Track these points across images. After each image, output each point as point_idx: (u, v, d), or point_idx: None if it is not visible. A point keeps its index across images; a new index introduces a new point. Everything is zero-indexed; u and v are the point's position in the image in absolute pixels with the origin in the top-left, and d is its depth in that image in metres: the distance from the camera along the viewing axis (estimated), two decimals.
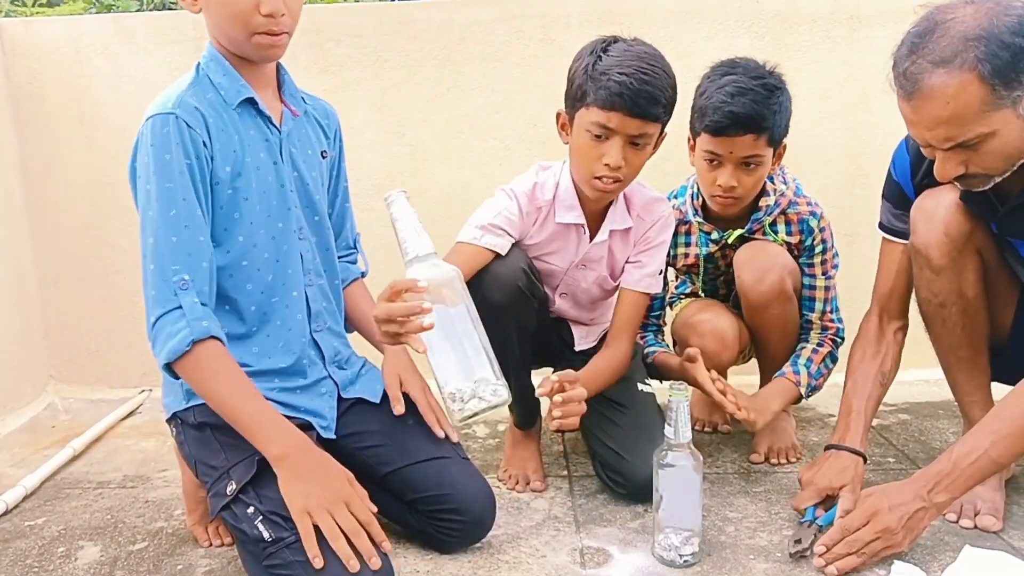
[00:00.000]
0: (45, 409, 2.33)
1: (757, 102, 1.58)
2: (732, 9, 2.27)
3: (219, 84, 1.34)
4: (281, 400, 1.38)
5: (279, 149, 1.39)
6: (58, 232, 2.37)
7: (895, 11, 2.26)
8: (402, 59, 2.30)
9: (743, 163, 1.63)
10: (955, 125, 1.19)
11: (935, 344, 1.55)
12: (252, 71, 1.36)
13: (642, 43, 1.50)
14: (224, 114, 1.33)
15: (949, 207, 1.41)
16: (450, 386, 1.12)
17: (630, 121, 1.45)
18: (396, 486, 1.42)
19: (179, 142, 1.26)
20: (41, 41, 2.29)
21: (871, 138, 2.30)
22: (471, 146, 2.34)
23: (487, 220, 1.56)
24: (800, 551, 1.37)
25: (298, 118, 1.44)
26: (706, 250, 1.82)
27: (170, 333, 1.23)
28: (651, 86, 1.43)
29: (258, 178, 1.35)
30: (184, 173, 1.26)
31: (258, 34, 1.28)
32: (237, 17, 1.26)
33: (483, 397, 1.11)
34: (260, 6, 1.26)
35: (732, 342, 1.76)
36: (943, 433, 1.92)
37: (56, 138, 2.33)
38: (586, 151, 1.50)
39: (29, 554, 1.48)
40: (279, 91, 1.43)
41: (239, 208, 1.34)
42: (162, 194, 1.26)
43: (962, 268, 1.44)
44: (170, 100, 1.29)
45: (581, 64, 1.49)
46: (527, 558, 1.41)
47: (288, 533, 1.21)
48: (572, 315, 1.78)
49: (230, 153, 1.32)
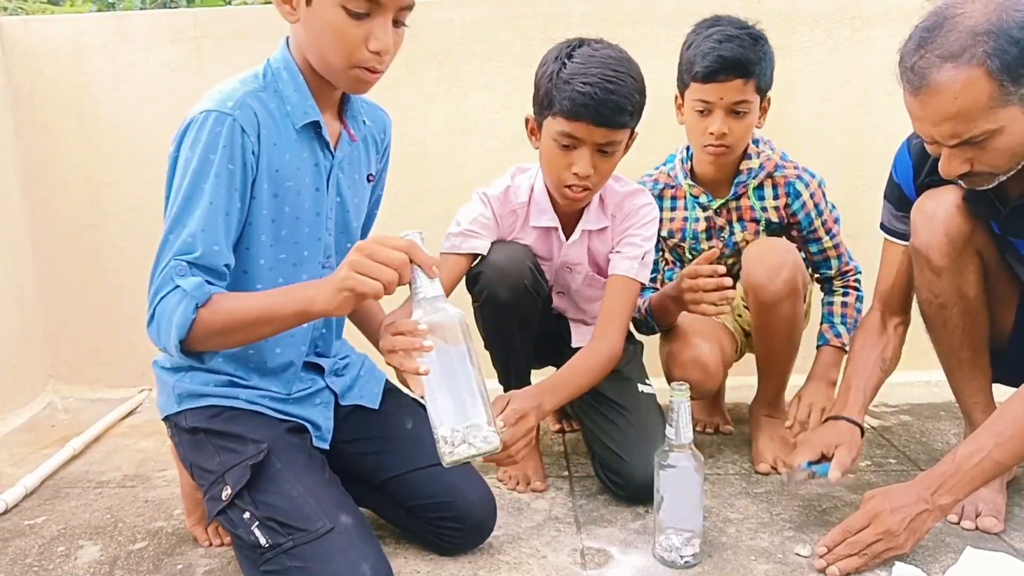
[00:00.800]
0: (45, 408, 2.33)
1: (744, 47, 1.62)
2: (734, 9, 2.24)
3: (288, 98, 1.27)
4: (274, 407, 1.37)
5: (327, 176, 1.34)
6: (58, 231, 2.37)
7: (897, 11, 2.26)
8: (402, 58, 2.25)
9: (732, 110, 1.65)
10: (962, 121, 1.19)
11: (936, 346, 1.55)
12: (323, 93, 1.30)
13: (609, 46, 1.49)
14: (282, 128, 1.27)
15: (949, 208, 1.41)
16: (441, 429, 1.12)
17: (596, 130, 1.44)
18: (396, 492, 1.42)
19: (227, 145, 1.20)
20: (41, 40, 2.29)
21: (872, 139, 2.30)
22: (471, 145, 2.34)
23: (463, 227, 1.59)
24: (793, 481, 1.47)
25: (355, 143, 1.39)
26: (694, 214, 1.82)
27: (172, 311, 1.15)
28: (616, 94, 1.42)
29: (294, 204, 1.30)
30: (221, 176, 1.19)
31: (359, 68, 1.22)
32: (343, 46, 1.20)
33: (472, 443, 1.12)
34: (369, 41, 1.20)
35: (715, 370, 1.76)
36: (944, 434, 1.92)
37: (56, 137, 2.33)
38: (554, 159, 1.50)
39: (29, 553, 1.48)
40: (341, 112, 1.37)
41: (266, 231, 1.28)
42: (195, 193, 1.19)
43: (963, 269, 1.44)
44: (231, 98, 1.22)
45: (546, 71, 1.48)
46: (527, 559, 1.41)
47: (285, 539, 1.20)
48: (571, 313, 1.78)
49: (273, 172, 1.26)
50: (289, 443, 1.31)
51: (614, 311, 1.60)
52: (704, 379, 1.76)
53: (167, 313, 1.16)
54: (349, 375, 1.50)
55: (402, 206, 2.34)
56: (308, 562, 1.18)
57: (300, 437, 1.35)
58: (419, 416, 1.44)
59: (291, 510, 1.22)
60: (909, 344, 1.59)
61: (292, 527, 1.20)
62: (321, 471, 1.32)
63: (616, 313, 1.60)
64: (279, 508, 1.22)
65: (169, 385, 1.37)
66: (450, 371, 1.13)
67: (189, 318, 1.15)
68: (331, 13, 1.18)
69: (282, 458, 1.27)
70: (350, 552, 1.19)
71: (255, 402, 1.35)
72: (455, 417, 1.12)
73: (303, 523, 1.20)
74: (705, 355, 1.75)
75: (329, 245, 1.39)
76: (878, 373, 1.56)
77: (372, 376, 1.54)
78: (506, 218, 1.63)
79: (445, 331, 1.12)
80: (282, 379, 1.39)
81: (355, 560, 1.19)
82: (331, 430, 1.43)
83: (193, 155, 1.19)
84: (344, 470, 1.41)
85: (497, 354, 1.68)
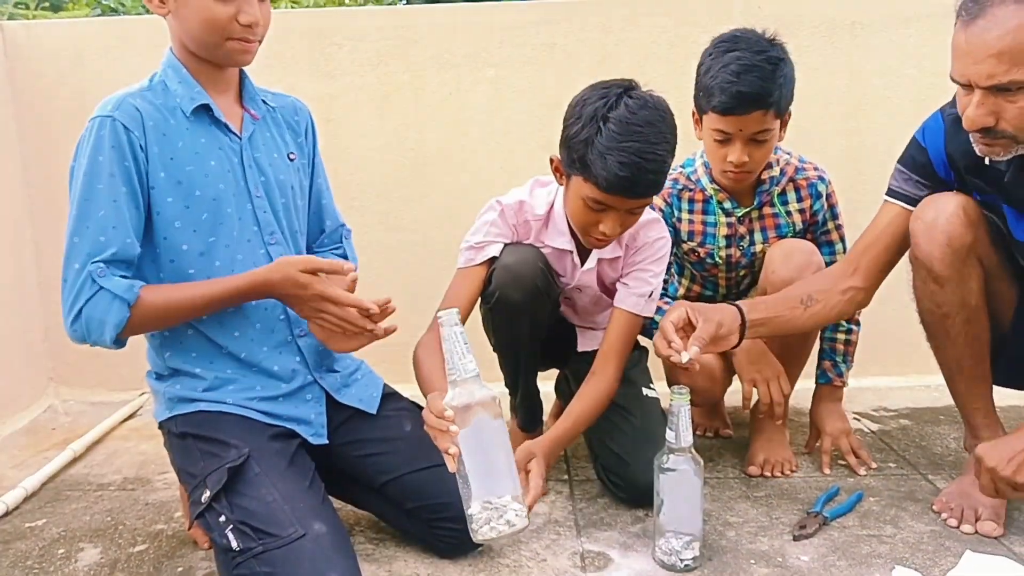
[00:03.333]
0: (45, 411, 2.33)
1: (764, 79, 1.56)
2: (734, 14, 2.28)
3: (174, 91, 1.34)
4: (261, 409, 1.37)
5: (240, 156, 1.38)
6: (59, 235, 2.34)
7: (896, 17, 2.27)
8: (404, 64, 2.31)
9: (753, 139, 1.62)
10: (1005, 61, 1.17)
11: (938, 354, 1.54)
12: (212, 77, 1.37)
13: (645, 104, 1.41)
14: (172, 119, 1.33)
15: (951, 217, 1.40)
16: (470, 509, 1.19)
17: (629, 201, 1.44)
18: (395, 494, 1.42)
19: (114, 144, 1.27)
20: (43, 44, 2.30)
21: (872, 143, 2.31)
22: (473, 151, 2.35)
23: (475, 240, 1.59)
24: (803, 535, 1.42)
25: (259, 122, 1.43)
26: (716, 219, 1.80)
27: (104, 312, 1.25)
28: (653, 172, 1.40)
29: (204, 186, 1.34)
30: (115, 175, 1.27)
31: (233, 39, 1.30)
32: (214, 24, 1.28)
33: (495, 526, 1.18)
34: (239, 16, 1.28)
35: (722, 377, 1.78)
36: (944, 439, 1.92)
37: (58, 141, 2.33)
38: (582, 215, 1.48)
39: (29, 556, 1.48)
40: (240, 96, 1.43)
41: (179, 217, 1.33)
42: (93, 195, 1.27)
43: (966, 278, 1.43)
44: (111, 102, 1.31)
45: (581, 129, 1.41)
46: (527, 562, 1.41)
47: (256, 544, 1.20)
48: (575, 320, 1.78)
49: (167, 160, 1.31)
50: (271, 449, 1.32)
51: (614, 346, 1.60)
52: (711, 386, 1.76)
53: (97, 315, 1.26)
54: (343, 372, 1.50)
55: (402, 210, 2.35)
56: (276, 567, 1.17)
57: (284, 443, 1.36)
58: (417, 419, 1.45)
59: (264, 515, 1.22)
60: (909, 348, 1.59)
61: (264, 532, 1.20)
62: (301, 478, 1.31)
63: (616, 349, 1.60)
64: (253, 513, 1.22)
65: (160, 392, 1.40)
66: (480, 449, 1.18)
67: (124, 317, 1.26)
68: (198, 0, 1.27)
69: (262, 463, 1.28)
70: (318, 560, 1.18)
71: (243, 405, 1.36)
72: (484, 493, 1.17)
73: (275, 528, 1.20)
74: (712, 362, 1.75)
75: (270, 222, 1.41)
76: (797, 307, 1.53)
77: (370, 381, 1.54)
78: (520, 227, 1.61)
79: (477, 410, 1.17)
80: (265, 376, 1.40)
81: (322, 568, 1.17)
82: (324, 425, 1.43)
83: (84, 160, 1.28)
84: (343, 472, 1.42)
85: (506, 357, 1.68)
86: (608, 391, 1.58)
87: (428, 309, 1.64)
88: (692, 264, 1.89)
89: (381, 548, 1.47)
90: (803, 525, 1.47)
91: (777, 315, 1.53)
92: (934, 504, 1.56)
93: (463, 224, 1.65)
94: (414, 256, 2.36)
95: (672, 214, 1.81)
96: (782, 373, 1.64)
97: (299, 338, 1.44)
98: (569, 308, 1.75)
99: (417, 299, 1.71)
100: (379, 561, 1.42)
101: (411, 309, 1.58)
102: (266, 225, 1.40)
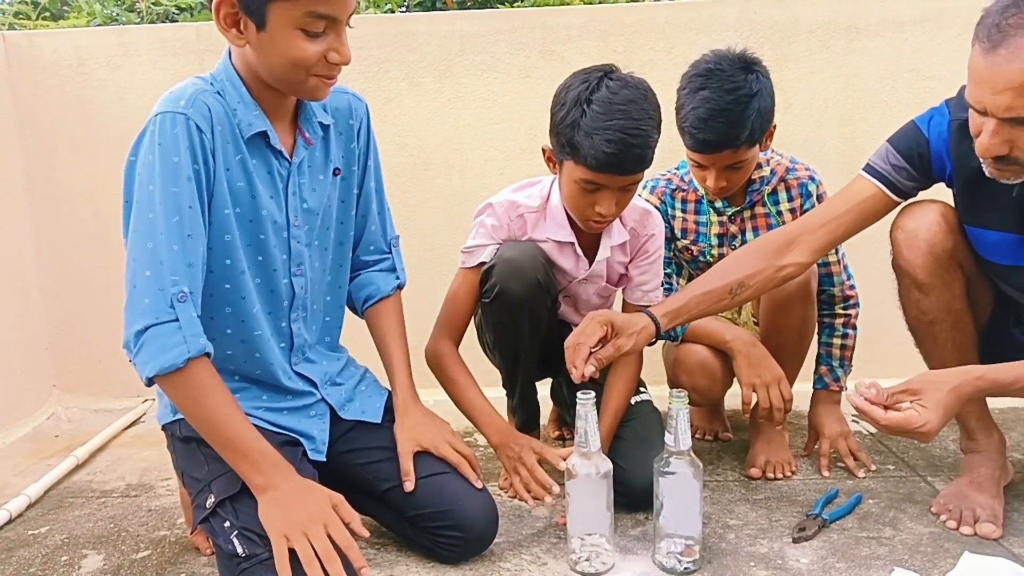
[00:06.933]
0: (48, 418, 2.34)
1: (731, 123, 1.57)
2: (730, 20, 2.29)
3: (234, 109, 1.26)
4: (267, 419, 1.37)
5: (287, 182, 1.33)
6: (62, 242, 2.39)
7: (893, 21, 2.28)
8: (403, 70, 2.32)
9: (729, 167, 1.65)
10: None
11: (927, 360, 1.55)
12: (274, 104, 1.30)
13: (626, 84, 1.44)
14: (232, 131, 1.27)
15: (931, 226, 1.42)
16: (571, 543, 1.40)
17: (619, 178, 1.46)
18: (397, 502, 1.42)
19: (188, 145, 1.19)
20: (45, 53, 2.31)
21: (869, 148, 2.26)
22: (472, 156, 2.36)
23: (470, 243, 1.63)
24: (803, 537, 1.44)
25: (312, 146, 1.38)
26: (707, 218, 1.82)
27: (163, 346, 1.16)
28: (639, 147, 1.42)
29: (250, 207, 1.30)
30: (191, 179, 1.20)
31: (316, 76, 1.23)
32: (302, 63, 1.21)
33: (592, 563, 1.38)
34: (328, 54, 1.22)
35: (723, 376, 1.79)
36: (942, 440, 1.93)
37: (60, 149, 2.35)
38: (578, 198, 1.51)
39: (33, 563, 1.49)
40: (296, 117, 1.36)
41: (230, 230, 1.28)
42: (167, 199, 1.18)
43: (949, 284, 1.45)
44: (183, 97, 1.21)
45: (566, 114, 1.45)
46: (528, 565, 1.42)
47: (262, 550, 1.20)
48: (574, 319, 1.79)
49: (223, 170, 1.26)
50: None
51: None
52: (711, 385, 1.76)
53: (155, 345, 1.16)
54: (347, 384, 1.50)
55: (403, 216, 2.35)
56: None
57: (290, 451, 1.35)
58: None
59: None
60: (905, 350, 1.59)
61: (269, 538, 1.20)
62: None
63: None
64: (259, 519, 1.21)
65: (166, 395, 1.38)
66: (587, 498, 1.36)
67: (176, 366, 1.16)
68: (288, 36, 1.19)
69: None
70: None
71: (249, 412, 1.34)
72: (588, 528, 1.38)
73: None
74: (712, 361, 1.76)
75: (300, 252, 1.38)
76: (724, 299, 1.52)
77: (374, 391, 1.54)
78: (514, 223, 1.63)
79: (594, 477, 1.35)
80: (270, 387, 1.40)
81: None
82: (326, 442, 1.43)
83: (156, 159, 1.18)
84: (345, 480, 1.41)
85: (504, 355, 1.68)
86: (636, 378, 1.67)
87: (429, 313, 1.66)
88: (688, 262, 1.91)
89: (383, 553, 1.47)
90: (802, 527, 1.48)
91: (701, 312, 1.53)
92: (933, 506, 1.56)
93: (463, 229, 1.66)
94: (415, 261, 2.36)
95: (667, 212, 1.84)
96: (783, 378, 1.65)
97: (296, 367, 1.43)
98: (570, 307, 1.76)
99: (417, 304, 1.72)
100: (381, 566, 1.43)
101: (412, 312, 1.60)
102: (296, 256, 1.37)
